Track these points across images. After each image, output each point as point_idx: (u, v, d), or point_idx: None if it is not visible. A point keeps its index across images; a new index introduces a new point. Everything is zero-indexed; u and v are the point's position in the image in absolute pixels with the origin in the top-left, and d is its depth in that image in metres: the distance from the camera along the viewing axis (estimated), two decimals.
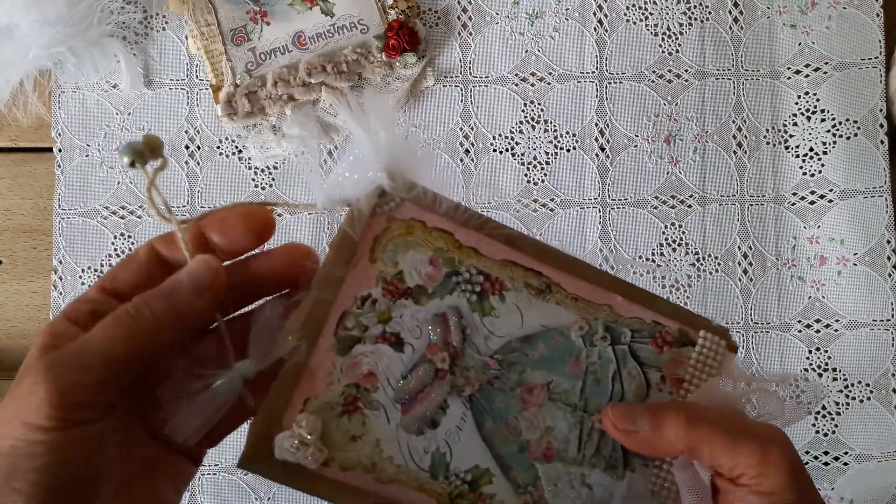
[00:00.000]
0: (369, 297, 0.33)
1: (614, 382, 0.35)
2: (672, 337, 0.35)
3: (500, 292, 0.34)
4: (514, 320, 0.34)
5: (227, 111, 0.60)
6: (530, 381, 0.34)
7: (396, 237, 0.33)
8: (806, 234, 0.62)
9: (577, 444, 0.34)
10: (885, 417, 0.61)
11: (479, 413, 0.34)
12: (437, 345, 0.33)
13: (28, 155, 0.63)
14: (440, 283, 0.34)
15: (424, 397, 0.33)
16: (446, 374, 0.33)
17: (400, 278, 0.33)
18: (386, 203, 0.33)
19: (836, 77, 0.62)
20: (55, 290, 0.61)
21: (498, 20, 0.63)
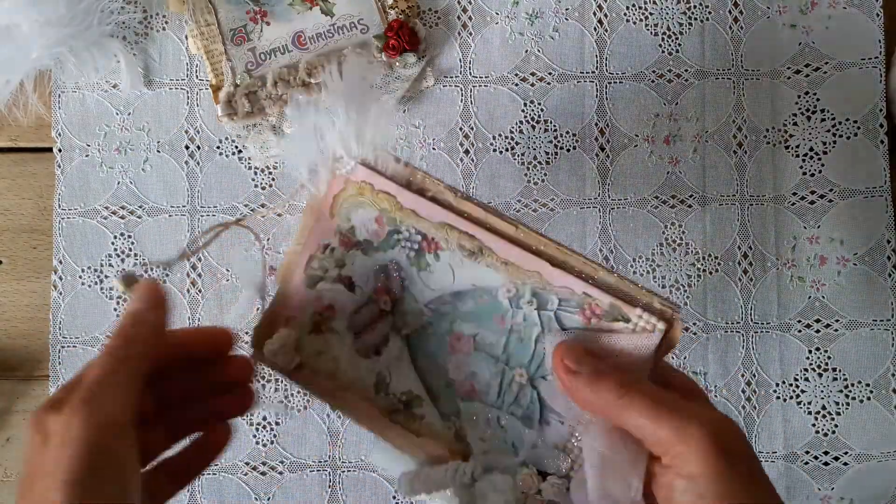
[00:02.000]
0: (329, 245, 0.40)
1: (537, 343, 0.38)
2: (602, 310, 0.37)
3: (435, 251, 0.39)
4: (447, 277, 0.39)
5: (227, 111, 0.60)
6: (458, 331, 0.39)
7: (350, 197, 0.39)
8: (806, 233, 0.62)
9: (497, 390, 0.38)
10: (885, 417, 0.61)
11: (413, 350, 0.39)
12: (380, 290, 0.40)
13: (28, 155, 0.63)
14: (384, 240, 0.39)
15: (370, 330, 0.40)
16: (388, 314, 0.40)
17: (352, 232, 0.40)
18: (343, 166, 0.39)
19: (836, 77, 0.62)
20: (55, 290, 0.61)
21: (498, 20, 0.63)
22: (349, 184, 0.39)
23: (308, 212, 0.40)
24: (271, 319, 0.40)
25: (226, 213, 0.62)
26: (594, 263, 0.37)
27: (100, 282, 0.61)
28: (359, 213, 0.39)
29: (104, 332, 0.61)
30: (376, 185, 0.39)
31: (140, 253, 0.62)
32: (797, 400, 0.61)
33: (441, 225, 0.38)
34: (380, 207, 0.39)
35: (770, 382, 0.61)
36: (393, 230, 0.39)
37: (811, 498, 0.61)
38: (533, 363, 0.38)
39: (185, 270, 0.62)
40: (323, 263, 0.40)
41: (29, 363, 0.62)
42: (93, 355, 0.61)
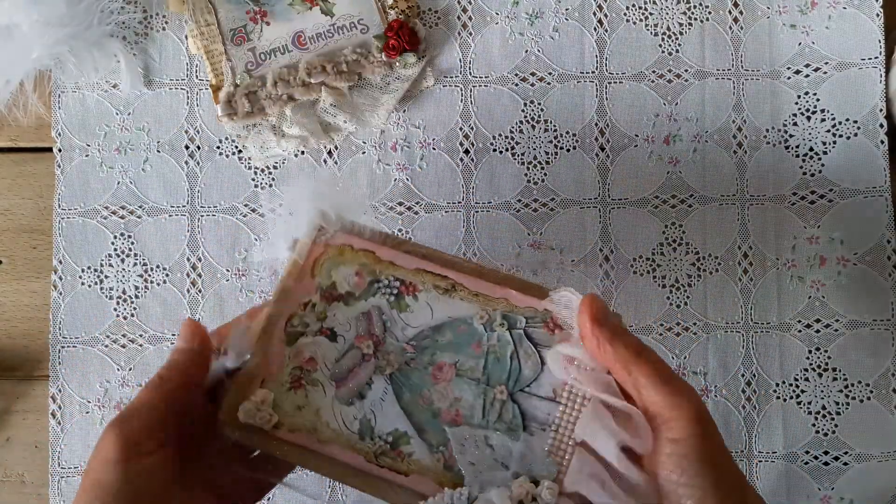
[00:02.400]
0: (310, 302, 0.43)
1: (512, 360, 0.42)
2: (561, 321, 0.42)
3: (413, 293, 0.43)
4: (426, 314, 0.43)
5: (227, 111, 0.60)
6: (440, 361, 0.42)
7: (331, 258, 0.44)
8: (806, 233, 0.62)
9: (481, 411, 0.41)
10: (885, 417, 0.61)
11: (398, 387, 0.42)
12: (363, 335, 0.42)
13: (28, 155, 0.63)
14: (364, 289, 0.43)
15: (354, 376, 0.42)
16: (371, 357, 0.42)
17: (333, 287, 0.43)
18: (323, 234, 0.44)
19: (836, 77, 0.62)
20: (55, 290, 0.61)
21: (498, 20, 0.63)
22: (329, 248, 0.44)
23: (287, 277, 0.43)
24: (244, 384, 0.41)
25: (226, 214, 0.62)
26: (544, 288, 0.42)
27: (100, 282, 0.61)
28: (340, 269, 0.43)
29: (104, 332, 0.61)
30: (355, 245, 0.44)
31: (140, 253, 0.62)
32: (797, 400, 0.61)
33: (417, 271, 0.43)
34: (360, 263, 0.43)
35: (770, 382, 0.61)
36: (373, 280, 0.43)
37: (811, 498, 0.61)
38: (511, 379, 0.41)
39: (186, 270, 0.62)
40: (304, 319, 0.43)
41: (29, 363, 0.62)
42: (93, 355, 0.61)
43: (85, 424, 0.61)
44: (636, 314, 0.61)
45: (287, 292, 0.43)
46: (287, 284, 0.43)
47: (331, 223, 0.44)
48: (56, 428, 0.61)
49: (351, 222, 0.44)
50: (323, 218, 0.44)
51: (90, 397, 0.61)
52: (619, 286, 0.62)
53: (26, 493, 0.61)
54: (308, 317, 0.43)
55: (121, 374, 0.61)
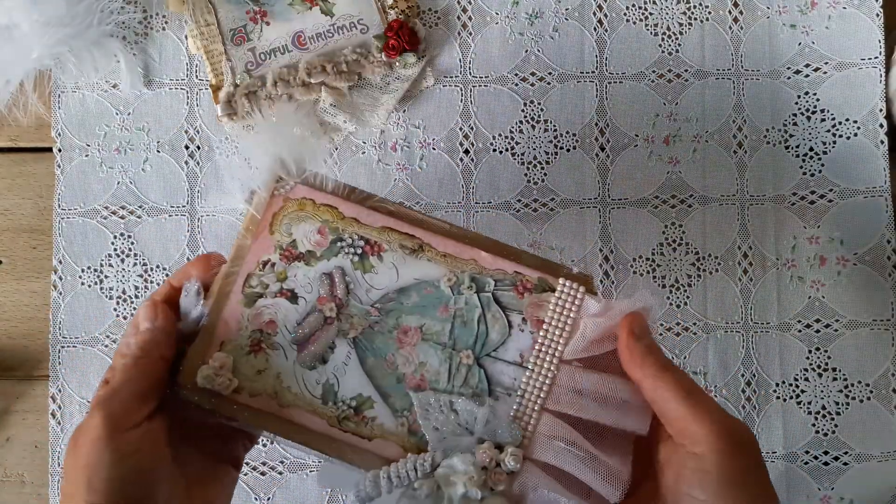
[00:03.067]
0: (269, 261, 0.41)
1: (479, 324, 0.41)
2: (532, 284, 0.41)
3: (378, 253, 0.41)
4: (391, 275, 0.41)
5: (227, 111, 0.60)
6: (405, 325, 0.41)
7: (291, 213, 0.41)
8: (806, 233, 0.62)
9: (447, 376, 0.40)
10: (885, 417, 0.61)
11: (361, 351, 0.40)
12: (325, 297, 0.41)
13: (28, 155, 0.63)
14: (327, 248, 0.41)
15: (315, 339, 0.40)
16: (333, 320, 0.41)
17: (294, 245, 0.41)
18: (282, 187, 0.42)
19: (836, 77, 0.62)
20: (55, 290, 0.61)
21: (498, 20, 0.63)
22: (288, 202, 0.42)
23: (244, 233, 0.41)
24: (201, 347, 0.40)
25: (226, 214, 0.62)
26: (517, 248, 0.42)
27: (100, 282, 0.61)
28: (300, 226, 0.41)
29: (104, 332, 0.61)
30: (317, 199, 0.42)
31: (140, 253, 0.62)
32: (797, 400, 0.61)
33: (382, 229, 0.41)
34: (322, 219, 0.41)
35: (770, 382, 0.61)
36: (336, 238, 0.41)
37: (811, 498, 0.61)
38: (477, 343, 0.40)
39: None
40: (262, 280, 0.41)
41: (29, 363, 0.62)
42: (93, 355, 0.61)
43: None
44: None
45: (243, 249, 0.41)
46: (244, 241, 0.41)
47: (290, 173, 0.42)
48: (56, 428, 0.61)
49: (312, 173, 0.42)
50: (282, 167, 0.41)
51: (90, 397, 0.61)
52: (619, 286, 0.62)
53: (26, 493, 0.61)
54: (267, 277, 0.41)
55: None
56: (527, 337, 0.40)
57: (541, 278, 0.41)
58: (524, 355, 0.40)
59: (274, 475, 0.61)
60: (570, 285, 0.40)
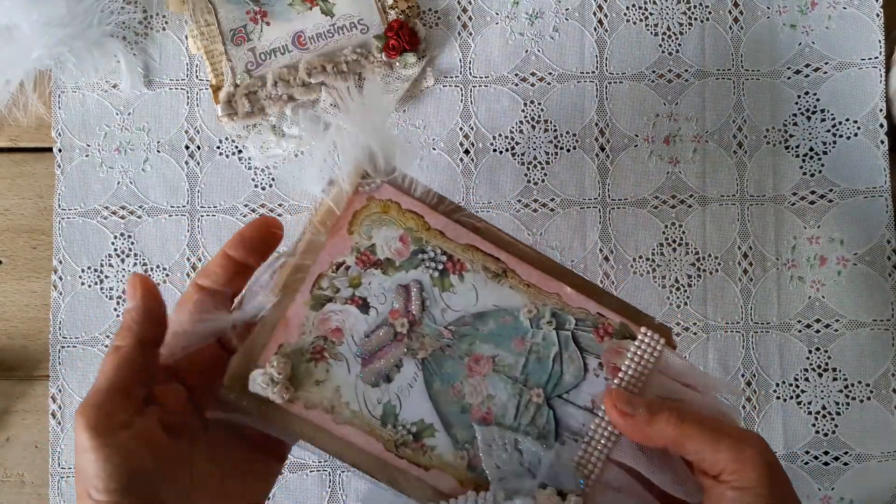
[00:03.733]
0: (343, 264, 0.38)
1: (555, 363, 0.39)
2: (613, 329, 0.39)
3: (460, 272, 0.39)
4: (470, 298, 0.39)
5: (227, 111, 0.60)
6: (478, 353, 0.38)
7: (373, 214, 0.39)
8: (806, 233, 0.62)
9: (514, 412, 0.38)
10: (885, 417, 0.61)
11: (429, 374, 0.38)
12: (398, 311, 0.38)
13: (28, 155, 0.63)
14: (407, 259, 0.39)
15: (382, 355, 0.38)
16: (404, 337, 0.38)
17: (372, 250, 0.38)
18: (367, 184, 0.38)
19: (836, 77, 0.62)
20: (55, 290, 0.61)
21: (498, 20, 0.63)
22: (373, 201, 0.39)
23: (319, 227, 0.38)
24: (255, 346, 0.37)
25: (226, 214, 0.62)
26: (602, 288, 0.40)
27: (100, 282, 0.61)
28: (381, 231, 0.39)
29: (104, 332, 0.61)
30: (403, 203, 0.39)
31: (140, 253, 0.62)
32: (797, 400, 0.61)
33: (467, 247, 0.39)
34: (405, 226, 0.39)
35: (770, 382, 0.61)
36: (418, 249, 0.39)
37: (811, 498, 0.61)
38: (550, 382, 0.38)
39: (186, 270, 0.62)
40: (334, 283, 0.38)
41: (29, 363, 0.62)
42: (92, 355, 0.61)
43: None
44: None
45: (317, 246, 0.38)
46: (317, 237, 0.38)
47: (378, 170, 0.38)
48: (56, 428, 0.61)
49: (402, 173, 0.38)
50: (370, 160, 0.38)
51: None
52: (619, 286, 0.62)
53: (26, 493, 0.61)
54: (339, 280, 0.38)
55: None
56: (601, 383, 0.38)
57: (622, 324, 0.39)
58: (596, 401, 0.38)
59: None
60: (651, 336, 0.38)
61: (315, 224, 0.38)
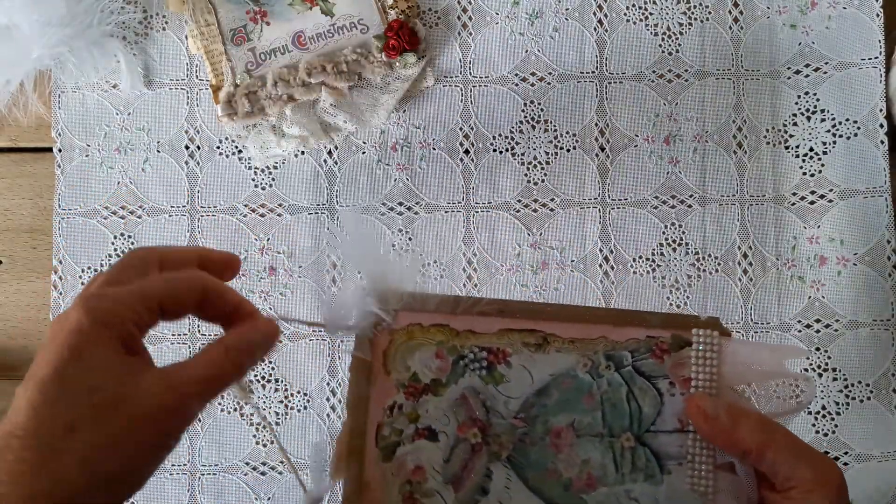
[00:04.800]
0: (395, 404, 0.38)
1: (629, 402, 0.38)
2: (667, 345, 0.38)
3: (504, 360, 0.38)
4: (525, 379, 0.38)
5: (227, 111, 0.60)
6: (556, 426, 0.38)
7: (401, 345, 0.38)
8: (806, 233, 0.62)
9: (613, 466, 0.37)
10: (885, 417, 0.61)
11: (520, 469, 0.37)
12: (465, 424, 0.38)
13: (28, 155, 0.63)
14: (450, 371, 0.38)
15: (469, 472, 0.37)
16: (482, 445, 0.37)
17: (415, 379, 0.38)
18: (383, 323, 0.38)
19: (836, 77, 0.62)
20: (55, 290, 0.61)
21: (498, 20, 0.63)
22: (395, 334, 0.39)
23: (357, 380, 0.38)
24: None
25: (226, 214, 0.62)
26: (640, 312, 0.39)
27: None
28: (415, 356, 0.39)
29: None
30: (424, 322, 0.39)
31: None
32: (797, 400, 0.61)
33: (500, 332, 0.39)
34: (436, 342, 0.39)
35: (770, 382, 0.61)
36: (457, 358, 0.38)
37: None
38: (634, 422, 0.38)
39: None
40: (394, 426, 0.38)
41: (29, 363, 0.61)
42: None
43: None
44: None
45: (363, 400, 0.38)
46: (360, 391, 0.38)
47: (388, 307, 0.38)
48: None
49: (410, 295, 0.39)
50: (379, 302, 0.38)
51: None
52: (619, 286, 0.62)
53: None
54: (398, 421, 0.38)
55: None
56: (679, 400, 0.38)
57: (674, 336, 0.38)
58: (682, 420, 0.37)
59: (274, 475, 0.61)
60: (704, 333, 0.38)
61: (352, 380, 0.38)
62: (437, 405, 0.38)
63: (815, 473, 0.34)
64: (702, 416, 0.36)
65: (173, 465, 0.60)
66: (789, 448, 0.35)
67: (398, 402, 0.38)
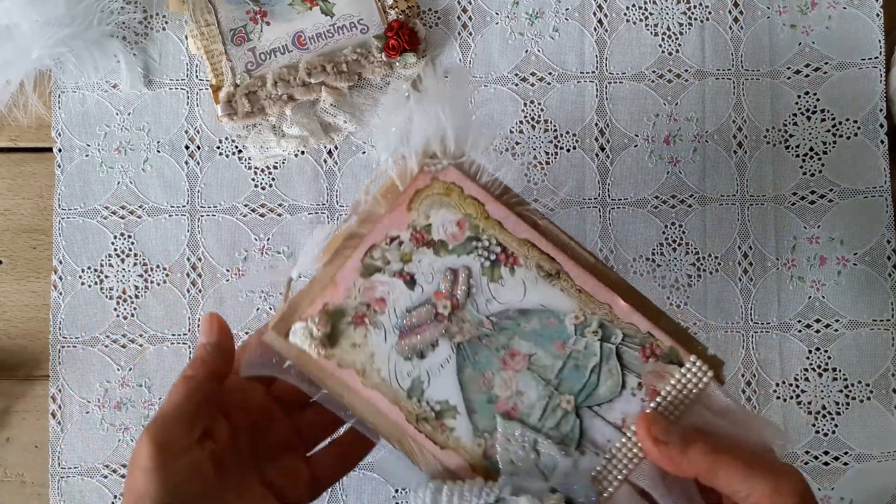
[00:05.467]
0: (398, 238, 0.39)
1: (592, 373, 0.38)
2: (662, 352, 0.38)
3: (512, 265, 0.39)
4: (518, 293, 0.39)
5: (227, 111, 0.60)
6: (515, 348, 0.38)
7: (434, 195, 0.39)
8: (806, 233, 0.62)
9: (540, 413, 0.38)
10: (885, 417, 0.61)
11: (462, 359, 0.39)
12: (443, 293, 0.39)
13: (28, 155, 0.63)
14: (461, 244, 0.39)
15: (420, 332, 0.39)
16: (444, 319, 0.39)
17: (428, 230, 0.39)
18: (434, 164, 0.39)
19: (836, 77, 0.62)
20: (55, 290, 0.61)
21: (498, 20, 0.63)
22: (436, 182, 0.39)
23: (381, 200, 0.39)
24: (302, 300, 0.39)
25: (226, 214, 0.62)
26: (659, 308, 0.38)
27: (100, 282, 0.61)
28: (440, 212, 0.39)
29: (104, 332, 0.61)
30: (466, 189, 0.39)
31: (140, 253, 0.62)
32: (797, 400, 0.61)
33: (524, 241, 0.39)
34: (464, 212, 0.39)
35: (770, 382, 0.61)
36: (473, 236, 0.39)
37: None
38: (583, 392, 0.38)
39: (186, 270, 0.62)
40: (386, 255, 0.39)
41: (29, 363, 0.62)
42: (93, 355, 0.61)
43: (85, 424, 0.61)
44: None
45: (375, 217, 0.39)
46: (376, 208, 0.39)
47: (447, 152, 0.39)
48: (56, 428, 0.61)
49: (470, 159, 0.39)
50: (440, 142, 0.38)
51: (90, 397, 0.61)
52: None
53: (26, 494, 0.61)
54: (391, 253, 0.39)
55: (121, 374, 0.61)
56: (636, 403, 0.38)
57: (672, 348, 0.38)
58: (627, 421, 0.37)
59: None
60: (700, 366, 0.37)
61: (377, 196, 0.39)
62: (431, 263, 0.39)
63: (772, 485, 0.34)
64: (651, 440, 0.36)
65: None
66: (742, 465, 0.34)
67: (402, 238, 0.39)
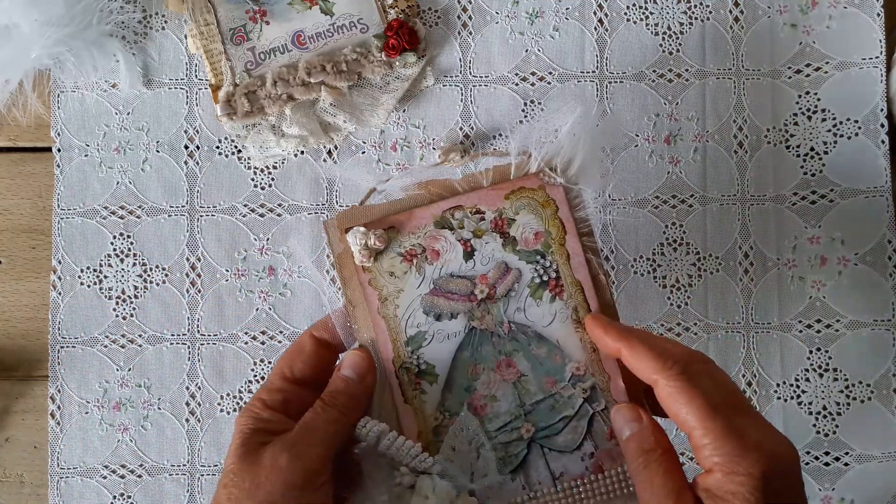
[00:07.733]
0: (482, 214, 0.42)
1: (561, 421, 0.41)
2: None
3: (555, 294, 0.42)
4: (546, 319, 0.42)
5: (227, 111, 0.60)
6: (514, 361, 0.41)
7: (533, 199, 0.42)
8: (807, 233, 0.62)
9: (501, 425, 0.41)
10: (885, 418, 0.60)
11: (467, 342, 0.41)
12: (487, 279, 0.42)
13: (27, 155, 0.63)
14: (528, 251, 0.42)
15: (450, 298, 0.41)
16: (475, 300, 0.42)
17: (510, 223, 0.42)
18: (550, 176, 0.42)
19: (836, 77, 0.62)
20: (54, 290, 0.61)
21: (498, 20, 0.63)
22: (541, 190, 0.42)
23: (491, 176, 0.42)
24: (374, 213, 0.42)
25: (225, 214, 0.62)
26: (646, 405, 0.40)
27: (99, 282, 0.61)
28: (528, 216, 0.42)
29: (103, 333, 0.61)
30: (560, 211, 0.42)
31: (139, 253, 0.62)
32: (798, 400, 0.61)
33: (576, 282, 0.42)
34: (547, 228, 0.42)
35: (771, 383, 0.61)
36: (541, 252, 0.42)
37: (811, 498, 0.60)
38: (545, 431, 0.41)
39: (185, 270, 0.62)
40: (464, 220, 0.42)
41: (28, 363, 0.62)
42: (92, 355, 0.61)
43: (84, 425, 0.61)
44: (636, 314, 0.61)
45: (476, 185, 0.42)
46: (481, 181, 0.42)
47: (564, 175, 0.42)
48: (55, 428, 0.61)
49: (579, 189, 0.42)
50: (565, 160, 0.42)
51: (89, 397, 0.61)
52: (619, 286, 0.61)
53: (25, 494, 0.61)
54: (468, 221, 0.42)
55: (120, 375, 0.61)
56: (579, 467, 0.40)
57: None
58: (564, 476, 0.40)
59: None
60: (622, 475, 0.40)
61: (489, 172, 0.42)
62: (495, 250, 0.42)
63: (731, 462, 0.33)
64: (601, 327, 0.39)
65: (173, 465, 0.60)
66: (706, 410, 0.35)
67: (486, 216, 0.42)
